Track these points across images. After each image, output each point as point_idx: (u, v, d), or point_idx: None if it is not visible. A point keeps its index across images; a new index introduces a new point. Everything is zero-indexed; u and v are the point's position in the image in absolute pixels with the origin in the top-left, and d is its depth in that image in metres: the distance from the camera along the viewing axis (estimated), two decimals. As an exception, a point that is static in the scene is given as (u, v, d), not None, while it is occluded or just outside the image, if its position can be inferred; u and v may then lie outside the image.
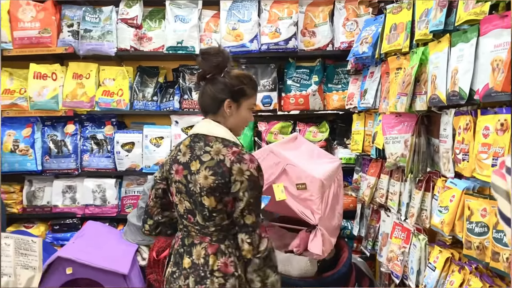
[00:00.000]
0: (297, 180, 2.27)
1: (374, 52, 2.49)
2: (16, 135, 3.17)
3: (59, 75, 3.19)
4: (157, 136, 3.19)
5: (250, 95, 1.64)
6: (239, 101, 1.61)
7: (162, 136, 3.19)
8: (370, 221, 2.70)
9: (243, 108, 1.63)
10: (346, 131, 3.19)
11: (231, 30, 3.09)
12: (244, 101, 1.62)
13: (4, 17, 3.08)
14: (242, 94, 1.61)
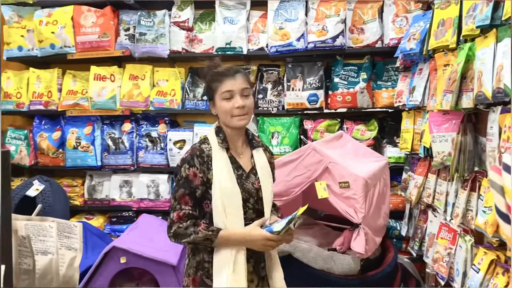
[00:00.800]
0: (340, 179, 2.28)
1: (422, 49, 2.43)
2: (78, 133, 3.41)
3: (117, 77, 3.39)
4: (207, 134, 3.30)
5: (216, 87, 1.67)
6: (213, 98, 1.70)
7: (211, 134, 3.30)
8: (418, 221, 2.64)
9: (218, 102, 1.67)
10: (396, 130, 3.12)
11: (278, 29, 3.13)
12: (215, 95, 1.67)
13: (68, 23, 3.31)
14: (211, 91, 1.70)
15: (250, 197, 1.68)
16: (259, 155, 1.77)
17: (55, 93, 3.41)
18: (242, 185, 1.67)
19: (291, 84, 3.19)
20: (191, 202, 1.63)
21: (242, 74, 1.70)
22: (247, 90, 1.67)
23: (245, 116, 1.66)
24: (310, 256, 2.34)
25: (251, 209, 1.69)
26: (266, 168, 1.76)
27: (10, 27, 3.44)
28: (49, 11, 3.36)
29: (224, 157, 1.67)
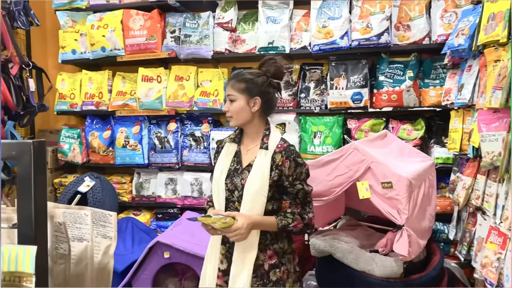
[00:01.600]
0: (383, 179, 2.22)
1: (471, 45, 2.33)
2: (127, 132, 3.54)
3: (163, 78, 3.50)
4: (249, 133, 3.33)
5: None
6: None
7: (254, 133, 3.33)
8: (466, 224, 2.52)
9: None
10: (444, 129, 3.01)
11: (321, 28, 3.10)
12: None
13: (118, 27, 3.46)
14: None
15: (235, 189, 1.85)
16: (260, 156, 1.84)
17: (106, 94, 3.57)
18: (232, 178, 1.86)
19: (335, 83, 3.15)
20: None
21: (235, 80, 1.87)
22: (231, 97, 1.86)
23: (230, 118, 1.89)
24: (351, 257, 2.30)
25: (235, 201, 1.86)
26: (260, 170, 1.81)
27: (65, 31, 3.64)
28: (100, 15, 3.52)
29: (230, 150, 1.92)
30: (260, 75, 1.88)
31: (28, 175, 0.61)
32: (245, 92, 1.85)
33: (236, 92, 1.85)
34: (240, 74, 1.88)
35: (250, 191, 1.80)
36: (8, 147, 0.61)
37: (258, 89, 1.86)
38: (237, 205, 1.85)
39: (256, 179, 1.81)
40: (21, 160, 0.61)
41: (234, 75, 1.91)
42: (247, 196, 1.81)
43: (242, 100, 1.85)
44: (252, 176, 1.81)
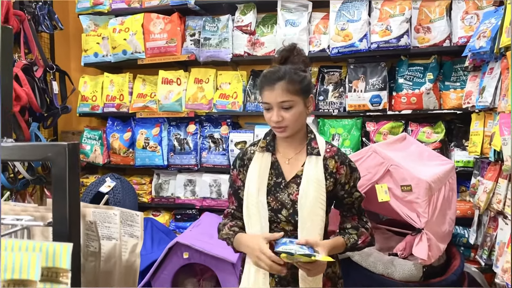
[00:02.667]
0: (402, 182, 2.22)
1: (493, 47, 2.31)
2: (147, 133, 3.60)
3: (182, 80, 3.54)
4: (267, 135, 3.35)
5: (260, 93, 1.58)
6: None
7: (272, 136, 3.35)
8: (487, 229, 2.50)
9: (263, 107, 1.58)
10: (465, 132, 2.98)
11: (340, 30, 3.10)
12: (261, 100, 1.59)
13: (139, 30, 3.52)
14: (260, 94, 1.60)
15: (283, 208, 1.55)
16: (312, 163, 1.57)
17: (127, 96, 3.63)
18: (274, 194, 1.56)
19: (353, 85, 3.15)
20: (236, 202, 1.67)
21: (285, 82, 1.50)
22: (287, 103, 1.50)
23: (284, 129, 1.54)
24: (370, 261, 2.30)
25: (284, 221, 1.56)
26: (314, 179, 1.54)
27: (88, 35, 3.72)
28: (121, 19, 3.58)
29: (264, 162, 1.59)
30: (303, 69, 1.57)
31: (63, 175, 0.64)
32: (302, 93, 1.53)
33: (293, 95, 1.50)
34: (288, 72, 1.51)
35: (306, 207, 1.51)
36: (44, 148, 0.64)
37: (310, 86, 1.58)
38: (284, 226, 1.56)
39: (311, 192, 1.52)
40: (56, 161, 0.64)
41: (279, 75, 1.51)
42: (304, 213, 1.51)
43: (301, 104, 1.53)
44: (306, 189, 1.53)
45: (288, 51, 1.59)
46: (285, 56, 1.59)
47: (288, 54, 1.59)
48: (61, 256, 0.56)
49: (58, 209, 0.62)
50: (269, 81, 1.51)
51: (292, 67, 1.54)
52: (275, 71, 1.53)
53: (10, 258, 0.53)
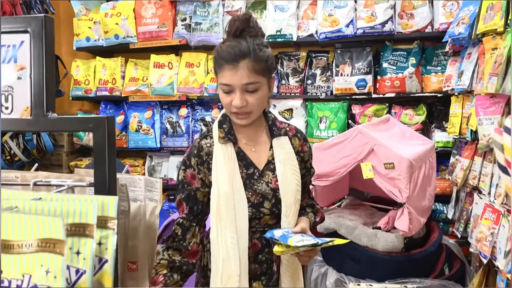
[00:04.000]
0: (385, 160, 2.37)
1: (471, 33, 2.45)
2: (139, 117, 3.69)
3: (174, 64, 3.63)
4: (257, 118, 3.48)
5: (217, 72, 1.33)
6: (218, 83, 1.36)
7: (262, 118, 3.47)
8: (464, 204, 2.68)
9: (219, 89, 1.35)
10: (445, 114, 3.14)
11: (327, 16, 3.22)
12: (218, 81, 1.35)
13: (130, 15, 3.58)
14: (215, 73, 1.36)
15: (265, 200, 1.36)
16: (280, 145, 1.41)
17: (119, 80, 3.70)
18: (253, 187, 1.36)
19: (340, 70, 3.28)
20: (186, 208, 1.40)
21: (250, 60, 1.26)
22: (252, 86, 1.28)
23: (247, 115, 1.32)
24: (355, 233, 2.46)
25: (267, 214, 1.37)
26: (289, 161, 1.40)
27: (79, 19, 3.76)
28: (113, 3, 3.64)
29: (227, 154, 1.35)
30: (265, 45, 1.34)
31: (103, 143, 0.75)
32: (268, 73, 1.33)
33: (259, 76, 1.29)
34: (253, 49, 1.27)
35: (289, 192, 1.36)
36: (86, 120, 0.75)
37: (274, 64, 1.38)
38: (266, 221, 1.38)
39: (289, 175, 1.38)
40: (97, 131, 0.75)
41: (243, 52, 1.26)
42: (287, 199, 1.36)
43: (265, 85, 1.33)
44: (284, 173, 1.37)
45: (243, 22, 1.31)
46: (240, 28, 1.31)
47: (243, 25, 1.31)
48: (109, 207, 0.68)
49: (99, 171, 0.74)
50: (231, 58, 1.26)
51: (256, 42, 1.30)
52: (237, 45, 1.28)
53: (72, 206, 0.65)
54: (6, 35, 0.75)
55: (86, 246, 0.65)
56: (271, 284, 1.37)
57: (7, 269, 0.60)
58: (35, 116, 0.77)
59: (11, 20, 0.75)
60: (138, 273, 0.96)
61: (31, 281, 0.59)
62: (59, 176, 0.92)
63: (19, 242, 0.60)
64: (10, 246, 0.60)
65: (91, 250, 0.64)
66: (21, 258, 0.59)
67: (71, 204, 0.65)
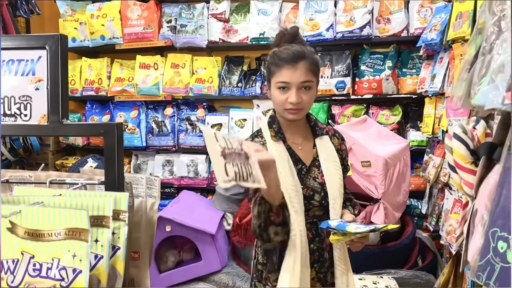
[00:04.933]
0: (362, 158, 2.52)
1: (443, 39, 2.62)
2: (125, 116, 3.76)
3: (159, 65, 3.71)
4: (241, 118, 3.59)
5: (274, 72, 1.45)
6: (270, 82, 1.49)
7: (245, 118, 3.59)
8: (436, 199, 2.85)
9: (273, 88, 1.46)
10: (420, 115, 3.31)
11: (308, 20, 3.35)
12: (272, 80, 1.46)
13: (116, 16, 3.65)
14: (270, 73, 1.48)
15: (315, 193, 1.47)
16: (323, 144, 1.54)
17: (105, 80, 3.77)
18: (303, 181, 1.47)
19: (320, 72, 3.41)
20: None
21: (307, 61, 1.41)
22: (308, 83, 1.41)
23: (299, 111, 1.44)
24: (334, 228, 2.60)
25: (316, 206, 1.47)
26: (331, 158, 1.52)
27: (65, 20, 3.81)
28: (99, 5, 3.70)
29: (281, 150, 1.47)
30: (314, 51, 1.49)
31: (113, 146, 0.85)
32: (317, 76, 1.47)
33: (314, 76, 1.43)
34: (310, 52, 1.44)
35: (334, 186, 1.48)
36: (98, 126, 0.85)
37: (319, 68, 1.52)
38: (315, 211, 1.47)
39: (333, 170, 1.50)
40: (108, 136, 0.85)
41: (302, 54, 1.41)
42: (334, 193, 1.47)
43: (315, 86, 1.47)
44: (328, 169, 1.49)
45: (293, 35, 1.49)
46: (290, 40, 1.48)
47: (292, 38, 1.48)
48: (121, 202, 0.78)
49: (109, 171, 0.84)
50: (291, 59, 1.40)
51: (309, 48, 1.46)
52: (296, 48, 1.43)
53: (90, 201, 0.76)
54: (25, 50, 0.85)
55: (103, 235, 0.75)
56: (323, 271, 1.48)
57: (39, 254, 0.70)
58: (51, 122, 0.87)
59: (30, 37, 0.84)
60: (139, 262, 1.07)
61: (60, 264, 0.69)
62: (69, 175, 1.02)
63: (49, 231, 0.70)
64: (41, 235, 0.70)
65: (107, 238, 0.75)
66: (51, 245, 0.70)
67: (90, 199, 0.76)
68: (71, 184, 0.95)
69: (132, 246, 1.04)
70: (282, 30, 1.49)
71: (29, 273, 0.69)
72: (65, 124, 0.88)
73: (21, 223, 0.70)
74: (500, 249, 0.59)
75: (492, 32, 0.71)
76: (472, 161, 0.82)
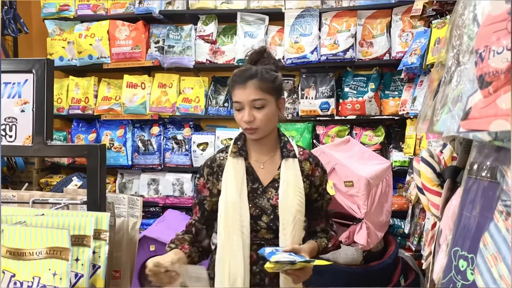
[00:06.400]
0: (345, 178, 2.56)
1: (422, 63, 2.71)
2: (111, 135, 3.78)
3: (147, 85, 3.75)
4: (227, 137, 3.62)
5: (231, 93, 1.51)
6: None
7: (231, 137, 3.61)
8: (418, 219, 2.89)
9: (234, 109, 1.50)
10: (402, 136, 3.38)
11: (293, 43, 3.43)
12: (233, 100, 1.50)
13: (104, 36, 3.69)
14: (230, 94, 1.55)
15: (263, 214, 1.47)
16: (288, 166, 1.51)
17: (92, 99, 3.79)
18: (254, 200, 1.48)
19: (305, 93, 3.49)
20: (199, 212, 1.55)
21: (257, 80, 1.44)
22: (259, 102, 1.43)
23: (255, 130, 1.45)
24: (318, 247, 2.63)
25: (264, 228, 1.47)
26: (294, 182, 1.48)
27: (53, 39, 3.84)
28: (87, 25, 3.74)
29: (238, 167, 1.49)
30: (274, 70, 1.52)
31: (96, 167, 0.88)
32: (274, 93, 1.47)
33: (266, 94, 1.44)
34: (260, 71, 1.46)
35: (287, 211, 1.45)
36: (81, 148, 0.88)
37: (282, 86, 1.53)
38: (263, 234, 1.47)
39: (291, 195, 1.46)
40: (91, 157, 0.88)
41: (251, 73, 1.45)
42: (286, 217, 1.44)
43: (273, 103, 1.47)
44: (285, 192, 1.46)
45: (258, 54, 1.54)
46: (255, 59, 1.53)
47: (258, 57, 1.53)
48: (102, 221, 0.81)
49: (91, 191, 0.87)
50: (241, 79, 1.45)
51: (264, 67, 1.49)
52: (247, 69, 1.48)
53: (72, 221, 0.78)
54: (12, 74, 0.88)
55: (84, 254, 0.77)
56: None
57: (19, 272, 0.72)
58: (36, 143, 0.89)
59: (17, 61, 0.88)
60: (121, 281, 1.09)
61: (40, 282, 0.71)
62: (52, 195, 1.04)
63: (30, 250, 0.72)
64: (22, 254, 0.72)
65: (88, 257, 0.77)
66: (31, 263, 0.71)
67: (71, 218, 0.78)
68: (53, 204, 0.97)
69: (114, 265, 1.05)
70: (250, 52, 1.57)
71: (10, 292, 0.70)
72: (49, 145, 0.90)
73: (3, 242, 0.72)
74: (461, 267, 0.63)
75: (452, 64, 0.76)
76: (438, 184, 0.87)
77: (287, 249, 1.35)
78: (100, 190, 0.86)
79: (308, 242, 1.50)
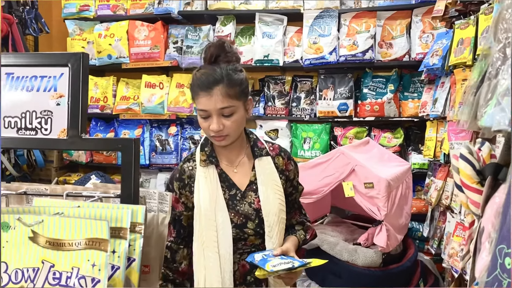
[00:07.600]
0: (365, 180, 2.54)
1: (444, 64, 2.68)
2: (129, 134, 3.80)
3: (165, 85, 3.77)
4: (244, 138, 3.62)
5: (194, 98, 1.37)
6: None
7: (248, 138, 3.62)
8: (438, 222, 2.86)
9: (197, 115, 1.38)
10: (421, 138, 3.35)
11: (312, 44, 3.42)
12: (196, 107, 1.37)
13: (124, 36, 3.72)
14: (192, 97, 1.39)
15: (248, 220, 1.38)
16: (262, 165, 1.43)
17: (110, 98, 3.82)
18: (235, 207, 1.38)
19: (323, 94, 3.47)
20: (174, 232, 1.38)
21: (224, 85, 1.30)
22: (228, 110, 1.32)
23: (224, 137, 1.35)
24: (336, 249, 2.61)
25: (252, 235, 1.39)
26: (271, 181, 1.42)
27: (73, 39, 3.89)
28: (107, 25, 3.78)
29: (209, 176, 1.39)
30: (239, 69, 1.39)
31: (130, 161, 0.88)
32: (242, 96, 1.36)
33: (234, 100, 1.32)
34: (226, 74, 1.32)
35: (271, 212, 1.38)
36: (115, 141, 0.88)
37: (248, 87, 1.41)
38: (252, 241, 1.40)
39: (271, 194, 1.40)
40: (125, 151, 0.88)
41: (216, 78, 1.31)
42: (270, 219, 1.38)
43: (241, 108, 1.36)
44: (266, 193, 1.39)
45: (218, 48, 1.37)
46: (215, 54, 1.36)
47: (218, 51, 1.36)
48: (137, 214, 0.81)
49: (125, 185, 0.87)
50: (205, 85, 1.30)
51: (229, 67, 1.35)
52: (211, 73, 1.32)
53: (109, 213, 0.78)
54: (48, 68, 0.89)
55: (120, 246, 0.78)
56: None
57: (59, 263, 0.72)
58: (70, 136, 0.90)
59: (53, 55, 0.89)
60: (150, 275, 1.09)
61: (79, 273, 0.71)
62: (84, 188, 1.05)
63: (69, 241, 0.72)
64: (62, 244, 0.72)
65: (124, 249, 0.77)
66: (71, 254, 0.72)
67: (108, 210, 0.78)
68: (87, 197, 0.97)
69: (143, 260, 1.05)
70: (207, 46, 1.39)
71: (49, 282, 0.71)
72: (83, 138, 0.91)
73: (43, 232, 0.72)
74: (507, 265, 0.62)
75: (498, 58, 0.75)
76: (478, 181, 0.85)
77: (277, 253, 1.30)
78: (134, 184, 0.86)
79: (289, 239, 1.45)
